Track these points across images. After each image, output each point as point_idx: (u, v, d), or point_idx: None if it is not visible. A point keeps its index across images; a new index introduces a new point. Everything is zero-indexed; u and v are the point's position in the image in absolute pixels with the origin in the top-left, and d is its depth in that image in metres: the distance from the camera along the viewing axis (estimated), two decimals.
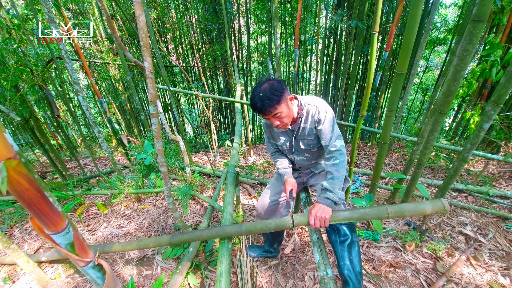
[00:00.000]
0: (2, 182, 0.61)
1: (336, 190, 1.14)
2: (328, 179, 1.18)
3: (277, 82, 1.16)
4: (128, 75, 3.29)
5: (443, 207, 0.99)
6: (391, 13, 3.70)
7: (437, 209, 1.00)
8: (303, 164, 1.46)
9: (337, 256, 1.25)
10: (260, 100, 1.13)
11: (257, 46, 6.21)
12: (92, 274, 1.03)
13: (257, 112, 1.18)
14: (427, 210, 1.01)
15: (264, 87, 1.15)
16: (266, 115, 1.17)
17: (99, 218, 2.44)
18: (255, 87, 1.19)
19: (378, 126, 4.41)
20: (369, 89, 1.56)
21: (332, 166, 1.18)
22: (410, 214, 1.05)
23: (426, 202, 1.03)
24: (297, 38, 3.28)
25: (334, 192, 1.13)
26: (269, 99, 1.12)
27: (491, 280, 1.52)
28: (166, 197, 1.66)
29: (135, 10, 1.09)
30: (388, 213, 1.06)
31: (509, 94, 1.51)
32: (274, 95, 1.12)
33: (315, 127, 1.26)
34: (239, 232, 1.23)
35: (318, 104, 1.24)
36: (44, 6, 2.08)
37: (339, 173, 1.17)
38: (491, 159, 2.53)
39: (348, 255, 1.22)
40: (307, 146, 1.34)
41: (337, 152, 1.19)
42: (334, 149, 1.19)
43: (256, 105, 1.15)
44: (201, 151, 4.68)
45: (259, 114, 1.19)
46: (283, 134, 1.38)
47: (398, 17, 2.69)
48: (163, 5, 4.27)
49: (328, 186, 1.15)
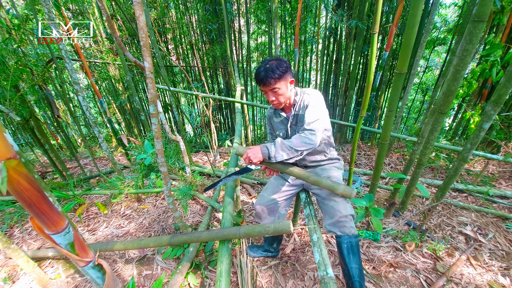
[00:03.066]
0: (2, 182, 0.61)
1: (279, 150, 1.20)
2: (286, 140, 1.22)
3: (284, 62, 1.26)
4: (128, 75, 3.29)
5: (350, 193, 1.20)
6: (391, 13, 3.70)
7: (346, 193, 1.21)
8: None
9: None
10: (264, 70, 1.23)
11: (257, 46, 6.20)
12: (92, 274, 1.03)
13: (259, 82, 1.27)
14: (339, 189, 1.21)
15: (272, 62, 1.25)
16: (266, 85, 1.25)
17: (99, 218, 2.44)
18: (265, 60, 1.29)
19: (378, 126, 4.41)
20: (369, 89, 1.56)
21: (298, 136, 1.20)
22: (325, 186, 1.25)
23: (341, 185, 1.22)
24: (297, 38, 3.28)
25: (276, 149, 1.21)
26: (273, 71, 1.22)
27: (491, 280, 1.52)
28: (166, 197, 1.66)
29: (135, 10, 1.09)
30: (310, 177, 1.27)
31: (509, 94, 1.51)
32: (279, 70, 1.22)
33: (305, 114, 1.30)
34: (237, 235, 1.23)
35: (310, 93, 1.34)
36: (44, 6, 2.08)
37: (297, 143, 1.19)
38: (491, 159, 2.53)
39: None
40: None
41: (310, 132, 1.20)
42: (309, 128, 1.21)
43: (259, 74, 1.25)
44: (201, 151, 4.68)
45: (260, 84, 1.27)
46: (280, 123, 1.47)
47: (398, 17, 2.69)
48: (163, 5, 4.26)
49: (278, 142, 1.22)
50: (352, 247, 1.23)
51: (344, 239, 1.25)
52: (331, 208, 1.28)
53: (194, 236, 1.37)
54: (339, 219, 1.25)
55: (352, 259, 1.22)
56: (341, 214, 1.25)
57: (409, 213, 2.23)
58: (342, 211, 1.25)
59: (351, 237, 1.24)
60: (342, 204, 1.27)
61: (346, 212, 1.25)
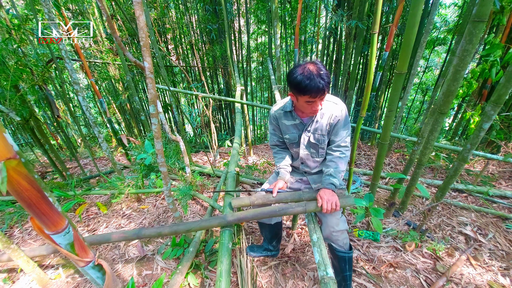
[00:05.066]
0: (2, 182, 0.61)
1: (338, 177, 1.28)
2: (333, 167, 1.29)
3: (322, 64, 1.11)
4: (128, 75, 3.29)
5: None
6: (391, 13, 3.70)
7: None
8: (306, 159, 1.44)
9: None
10: (318, 81, 1.05)
11: (257, 46, 6.21)
12: (92, 274, 1.03)
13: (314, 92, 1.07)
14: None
15: (321, 67, 1.08)
16: (318, 95, 1.08)
17: (99, 218, 2.44)
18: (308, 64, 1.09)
19: (378, 126, 4.41)
20: (369, 89, 1.56)
21: (339, 159, 1.30)
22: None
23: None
24: (297, 38, 3.28)
25: (337, 179, 1.27)
26: (323, 78, 1.06)
27: (491, 280, 1.52)
28: (166, 197, 1.66)
29: (135, 10, 1.09)
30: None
31: (509, 94, 1.51)
32: (327, 75, 1.08)
33: (329, 124, 1.28)
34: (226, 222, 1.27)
35: (337, 101, 1.28)
36: (44, 6, 2.08)
37: (342, 166, 1.30)
38: (491, 159, 2.53)
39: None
40: (316, 141, 1.34)
41: (345, 148, 1.31)
42: (344, 144, 1.30)
43: (318, 85, 1.05)
44: (201, 151, 4.68)
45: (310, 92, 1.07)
46: (293, 127, 1.36)
47: (398, 17, 2.69)
48: (163, 5, 4.27)
49: (332, 173, 1.28)
50: (346, 259, 1.32)
51: (339, 251, 1.32)
52: (325, 222, 1.32)
53: (193, 225, 1.40)
54: (332, 233, 1.29)
55: (347, 268, 1.34)
56: (333, 229, 1.28)
57: (409, 213, 2.23)
58: (334, 227, 1.28)
59: (346, 251, 1.32)
60: (335, 219, 1.30)
61: (338, 228, 1.29)
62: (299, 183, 1.55)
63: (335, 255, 1.34)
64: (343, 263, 1.32)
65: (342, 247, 1.31)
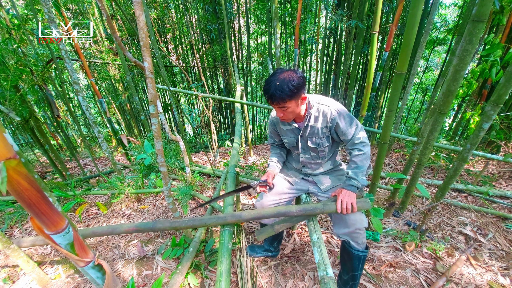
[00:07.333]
0: (2, 182, 0.61)
1: (360, 177, 1.24)
2: (352, 168, 1.26)
3: (298, 77, 1.11)
4: (128, 75, 3.29)
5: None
6: (391, 13, 3.70)
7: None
8: (307, 162, 1.46)
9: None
10: (274, 88, 1.10)
11: (257, 46, 6.20)
12: (92, 274, 1.03)
13: (266, 97, 1.16)
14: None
15: (284, 76, 1.11)
16: (273, 103, 1.16)
17: (99, 218, 2.44)
18: (276, 71, 1.15)
19: (378, 126, 4.40)
20: (369, 89, 1.56)
21: (357, 157, 1.26)
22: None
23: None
24: (297, 38, 3.28)
25: (358, 180, 1.23)
26: (282, 91, 1.09)
27: (491, 280, 1.52)
28: (166, 197, 1.66)
29: (135, 10, 1.09)
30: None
31: (509, 94, 1.51)
32: (290, 89, 1.09)
33: (326, 127, 1.28)
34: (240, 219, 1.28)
35: (329, 104, 1.26)
36: (44, 6, 2.08)
37: (362, 163, 1.25)
38: (491, 159, 2.53)
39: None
40: (314, 145, 1.34)
41: (361, 144, 1.25)
42: (358, 141, 1.26)
43: (268, 90, 1.13)
44: (201, 151, 4.68)
45: (268, 98, 1.16)
46: (290, 131, 1.39)
47: (398, 17, 2.69)
48: (163, 5, 4.26)
49: (352, 175, 1.25)
50: (361, 258, 1.30)
51: (356, 249, 1.29)
52: (347, 218, 1.26)
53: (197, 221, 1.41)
54: (355, 231, 1.26)
55: (360, 267, 1.32)
56: (356, 226, 1.25)
57: (409, 213, 2.23)
58: (358, 224, 1.25)
59: (363, 251, 1.29)
60: (359, 216, 1.26)
61: (361, 225, 1.26)
62: (305, 182, 1.54)
63: (350, 253, 1.30)
64: (357, 262, 1.30)
65: (360, 245, 1.28)
